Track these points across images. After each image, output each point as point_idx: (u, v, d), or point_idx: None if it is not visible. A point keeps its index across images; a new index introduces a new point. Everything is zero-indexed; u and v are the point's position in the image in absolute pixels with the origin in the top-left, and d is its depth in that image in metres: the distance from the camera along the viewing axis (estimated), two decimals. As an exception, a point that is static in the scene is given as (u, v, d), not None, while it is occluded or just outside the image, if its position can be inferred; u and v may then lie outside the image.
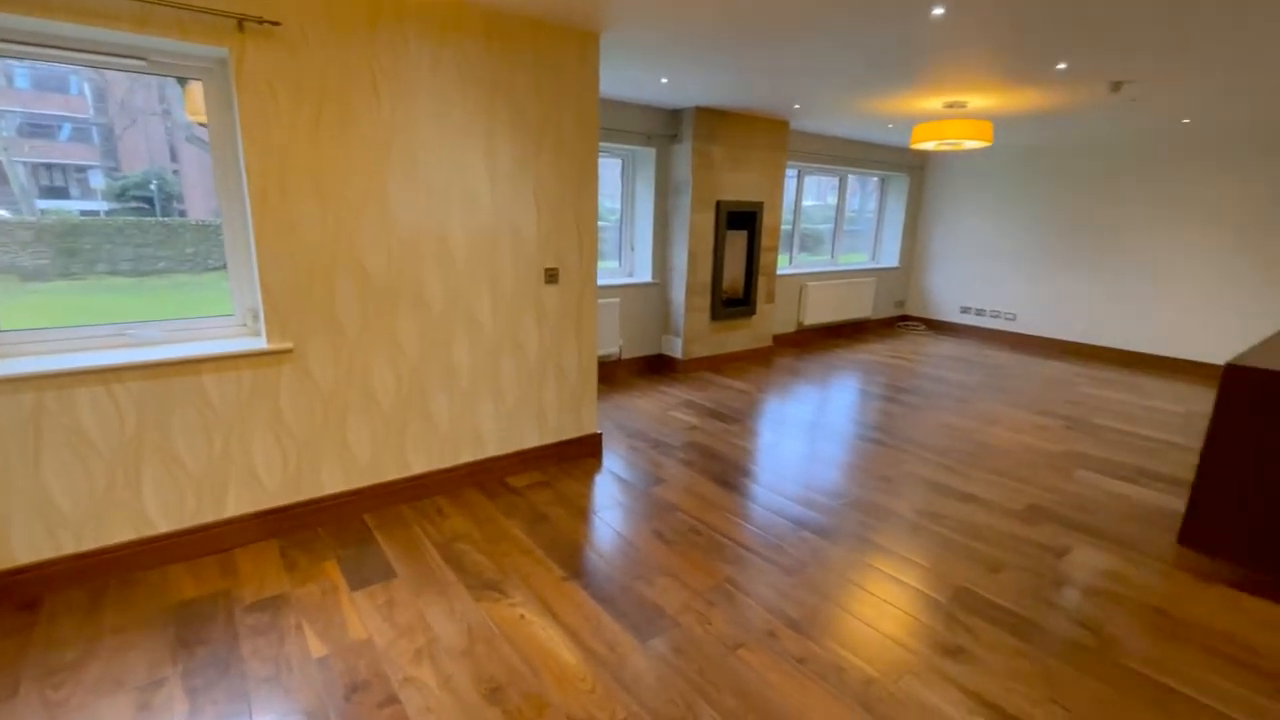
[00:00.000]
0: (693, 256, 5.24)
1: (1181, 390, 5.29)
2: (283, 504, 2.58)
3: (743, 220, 5.58)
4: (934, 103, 4.49)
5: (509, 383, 3.12)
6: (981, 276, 7.38)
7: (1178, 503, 3.13)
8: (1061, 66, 3.39)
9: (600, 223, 5.35)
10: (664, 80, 4.05)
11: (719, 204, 5.28)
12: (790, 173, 6.57)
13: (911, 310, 8.14)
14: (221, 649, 1.93)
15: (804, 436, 3.94)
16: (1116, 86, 3.76)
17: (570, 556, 2.50)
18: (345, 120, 2.42)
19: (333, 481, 2.70)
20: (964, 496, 3.14)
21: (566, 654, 1.94)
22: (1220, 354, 5.75)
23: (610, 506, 2.94)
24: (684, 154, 5.05)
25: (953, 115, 4.80)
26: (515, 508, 2.89)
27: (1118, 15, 2.60)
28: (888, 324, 8.01)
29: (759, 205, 5.58)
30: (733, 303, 5.71)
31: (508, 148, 2.86)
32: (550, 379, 3.26)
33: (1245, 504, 2.56)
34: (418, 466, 2.92)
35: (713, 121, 5.06)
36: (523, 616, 2.12)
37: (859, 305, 7.32)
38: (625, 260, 5.48)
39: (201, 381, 2.33)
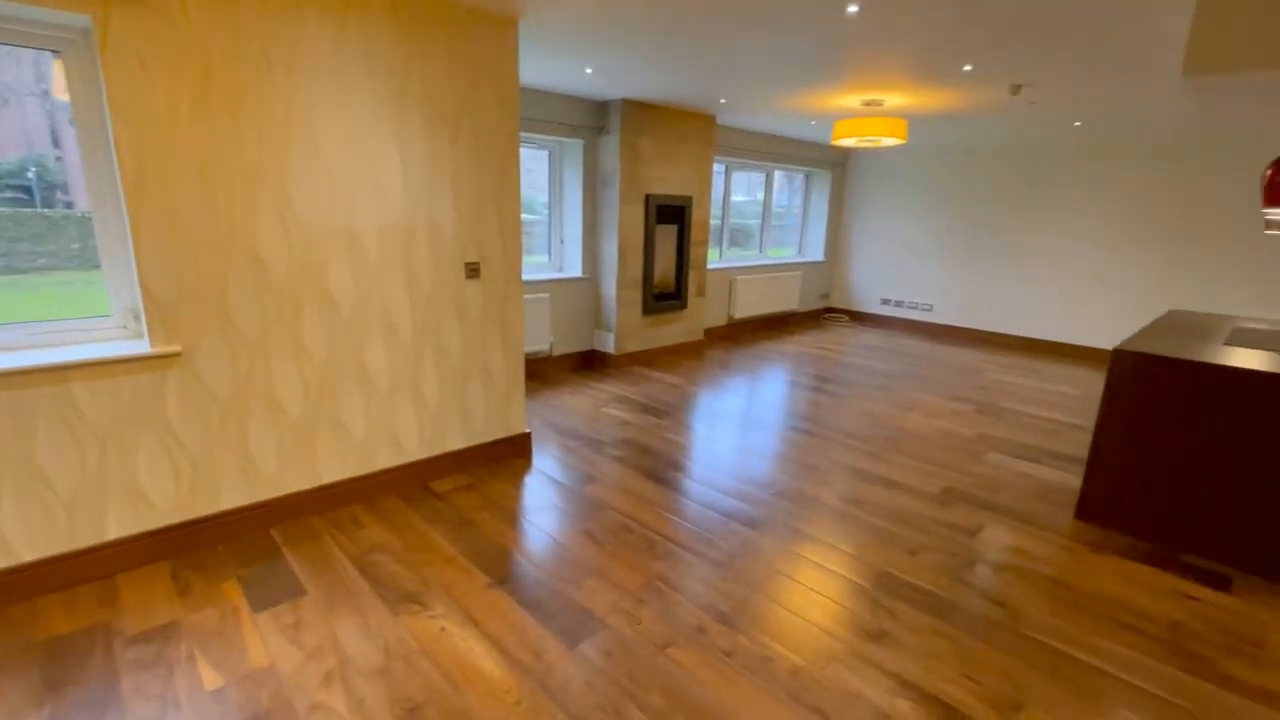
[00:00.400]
0: (623, 250, 5.19)
1: (1078, 374, 5.71)
2: (175, 522, 2.36)
3: (672, 214, 5.58)
4: (853, 100, 4.63)
5: (430, 383, 2.98)
6: (900, 269, 7.71)
7: (1076, 480, 3.36)
8: (968, 68, 3.55)
9: (529, 216, 5.23)
10: (589, 70, 3.97)
11: (648, 197, 5.25)
12: (719, 168, 6.63)
13: (836, 302, 8.42)
14: (97, 688, 1.73)
15: (735, 428, 3.98)
16: (1016, 89, 3.98)
17: (496, 562, 2.41)
18: (235, 102, 2.22)
19: (234, 495, 2.49)
20: (886, 482, 3.25)
21: (490, 666, 1.86)
22: (1110, 339, 6.24)
23: (540, 508, 2.86)
24: (612, 146, 4.99)
25: (870, 113, 4.96)
26: (439, 514, 2.76)
27: (1016, 21, 2.74)
28: (814, 316, 8.26)
29: (688, 199, 5.59)
30: (664, 297, 5.71)
31: (422, 136, 2.71)
32: (475, 378, 3.14)
33: (1132, 479, 2.77)
34: (330, 475, 2.74)
35: (640, 114, 5.02)
36: (444, 629, 2.01)
37: (787, 298, 7.50)
38: (555, 255, 5.37)
39: (70, 390, 2.08)
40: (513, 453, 3.37)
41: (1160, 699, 1.82)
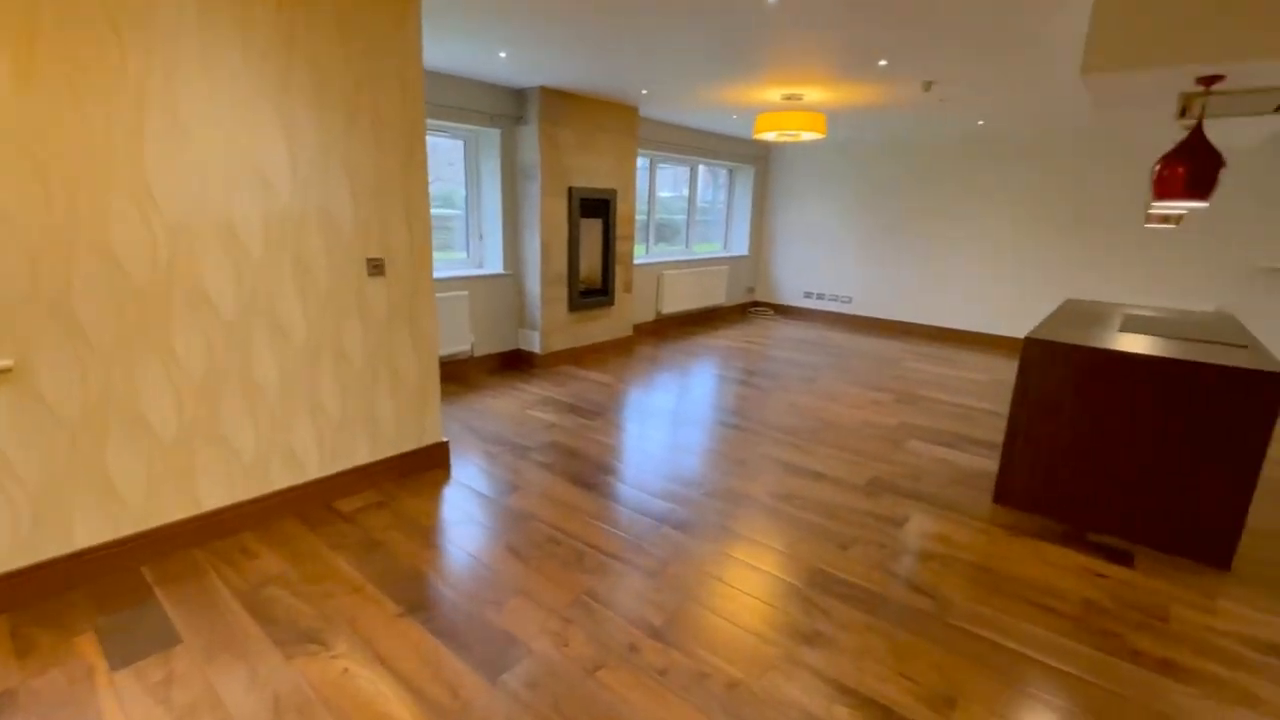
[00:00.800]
0: (546, 245, 5.00)
1: (986, 360, 6.01)
2: (12, 569, 2.00)
3: (596, 208, 5.43)
4: (774, 94, 4.63)
5: (331, 393, 2.70)
6: (821, 263, 7.90)
7: (991, 464, 3.49)
8: (883, 63, 3.60)
9: (448, 210, 4.93)
10: (503, 55, 3.75)
11: (571, 190, 5.08)
12: (643, 161, 6.53)
13: (761, 296, 8.54)
14: (-102, 786, 1.42)
15: (665, 426, 3.90)
16: (927, 86, 4.09)
17: (409, 588, 2.19)
18: (71, 73, 1.89)
19: (91, 532, 2.14)
20: (814, 475, 3.25)
21: (400, 710, 1.67)
22: (1013, 327, 6.63)
23: (459, 523, 2.65)
24: (531, 136, 4.78)
25: (791, 107, 4.99)
26: (344, 537, 2.51)
27: (926, 17, 2.77)
28: (740, 310, 8.34)
29: (612, 193, 5.46)
30: (591, 293, 5.56)
31: (311, 117, 2.43)
32: (383, 384, 2.88)
33: (1042, 462, 2.89)
34: (213, 501, 2.42)
35: (560, 103, 4.83)
36: (346, 670, 1.80)
37: (714, 293, 7.52)
38: (474, 250, 5.11)
39: None
40: (429, 463, 3.14)
41: (1080, 680, 1.86)
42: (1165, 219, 4.31)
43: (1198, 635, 2.09)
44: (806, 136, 4.81)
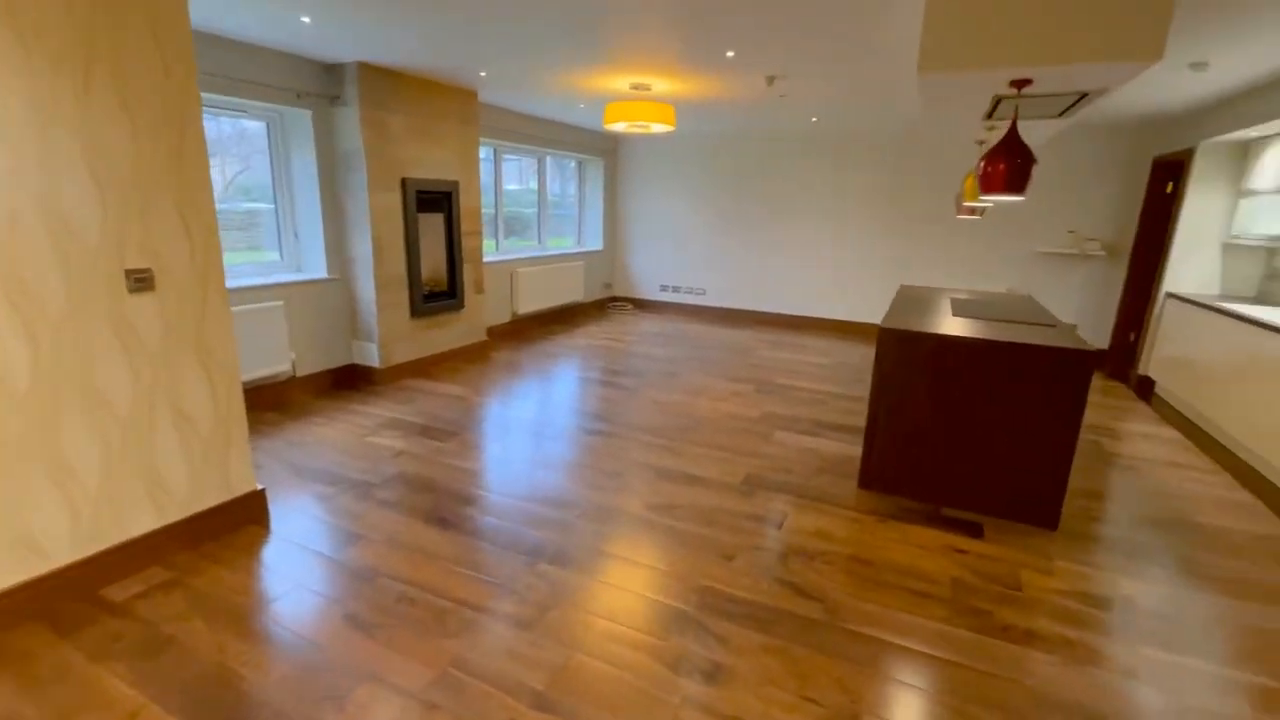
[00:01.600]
0: (379, 244, 4.40)
1: (828, 344, 6.41)
2: None
3: (437, 202, 4.90)
4: (621, 83, 4.45)
5: (83, 451, 2.05)
6: (675, 256, 7.96)
7: (849, 448, 3.62)
8: (730, 54, 3.55)
9: (259, 204, 4.13)
10: (305, 20, 3.16)
11: (406, 182, 4.51)
12: (486, 152, 6.06)
13: (619, 291, 8.44)
14: None
15: (529, 441, 3.58)
16: (770, 81, 4.15)
17: (212, 701, 1.69)
18: None
19: None
20: (689, 479, 3.14)
21: None
22: (851, 312, 7.15)
23: (284, 595, 2.15)
24: (351, 120, 4.15)
25: (639, 97, 4.85)
26: (115, 639, 1.91)
27: (770, 9, 2.73)
28: (599, 306, 8.17)
29: (454, 185, 4.96)
30: (436, 296, 5.03)
31: (17, 80, 1.78)
32: (165, 429, 2.26)
33: (899, 444, 3.01)
34: (-110, 623, 1.71)
35: (384, 83, 4.25)
36: (114, 846, 1.30)
37: (571, 289, 7.26)
38: (289, 251, 4.36)
39: None
40: (239, 520, 2.54)
41: (963, 668, 1.89)
42: (972, 212, 4.80)
43: (1046, 600, 2.25)
44: (657, 128, 4.70)
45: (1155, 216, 5.55)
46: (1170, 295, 4.95)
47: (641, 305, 8.27)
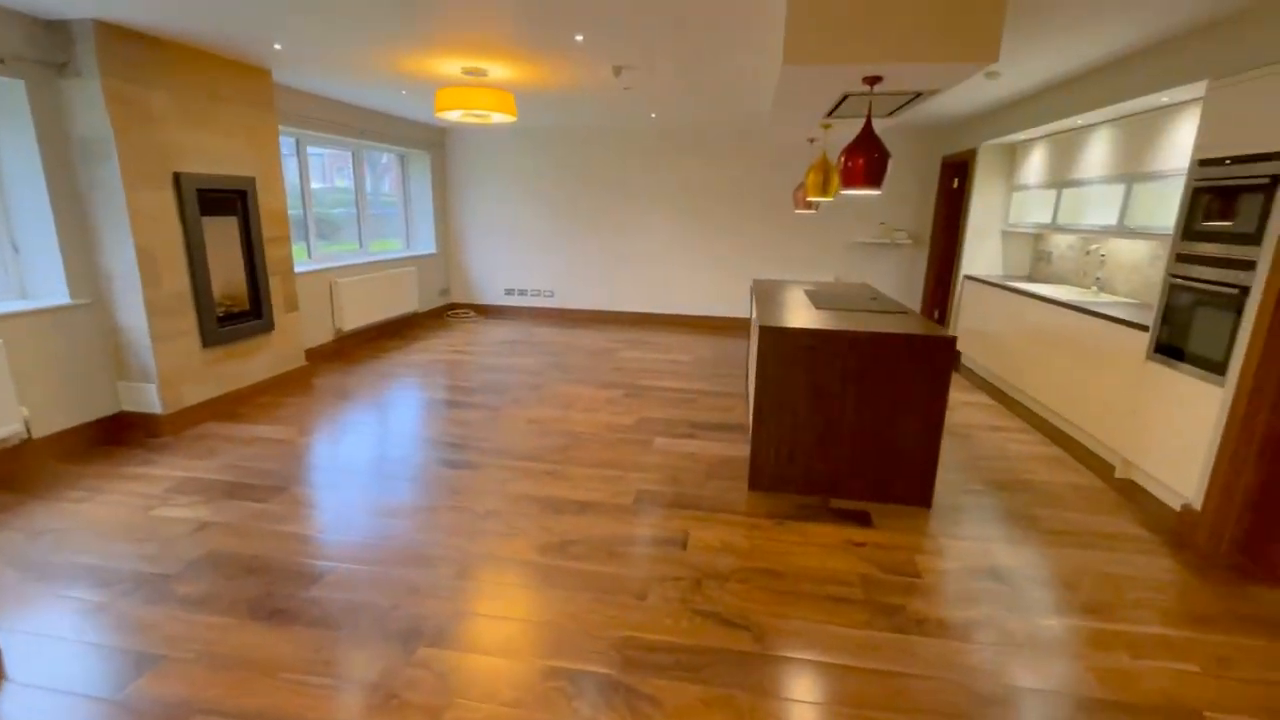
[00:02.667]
0: (147, 256, 3.45)
1: (683, 341, 6.44)
2: None
3: (226, 202, 4.00)
4: (451, 66, 3.96)
5: None
6: (519, 257, 7.51)
7: (728, 448, 3.57)
8: (579, 38, 3.27)
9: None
10: (0, -48, 2.28)
11: (181, 178, 3.59)
12: (289, 144, 5.13)
13: (458, 297, 7.78)
14: None
15: (377, 486, 3.01)
16: (618, 71, 3.95)
17: None
18: None
19: None
20: (579, 507, 2.84)
21: None
22: (702, 306, 7.27)
23: (29, 775, 1.47)
24: (90, 96, 3.18)
25: (474, 83, 4.37)
26: None
27: (636, -17, 2.50)
28: (438, 315, 7.45)
29: (249, 182, 4.08)
30: (236, 318, 4.12)
31: None
32: None
33: (784, 441, 2.98)
34: None
35: (139, 51, 3.32)
36: None
37: (404, 299, 6.50)
38: (7, 271, 3.24)
39: None
40: (-54, 670, 1.74)
41: (894, 675, 1.84)
42: (809, 206, 5.05)
43: (944, 584, 2.32)
44: (497, 119, 4.27)
45: (947, 208, 6.33)
46: (967, 277, 5.65)
47: (485, 311, 7.70)
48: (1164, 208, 3.53)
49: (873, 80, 2.74)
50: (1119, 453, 3.31)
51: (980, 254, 5.71)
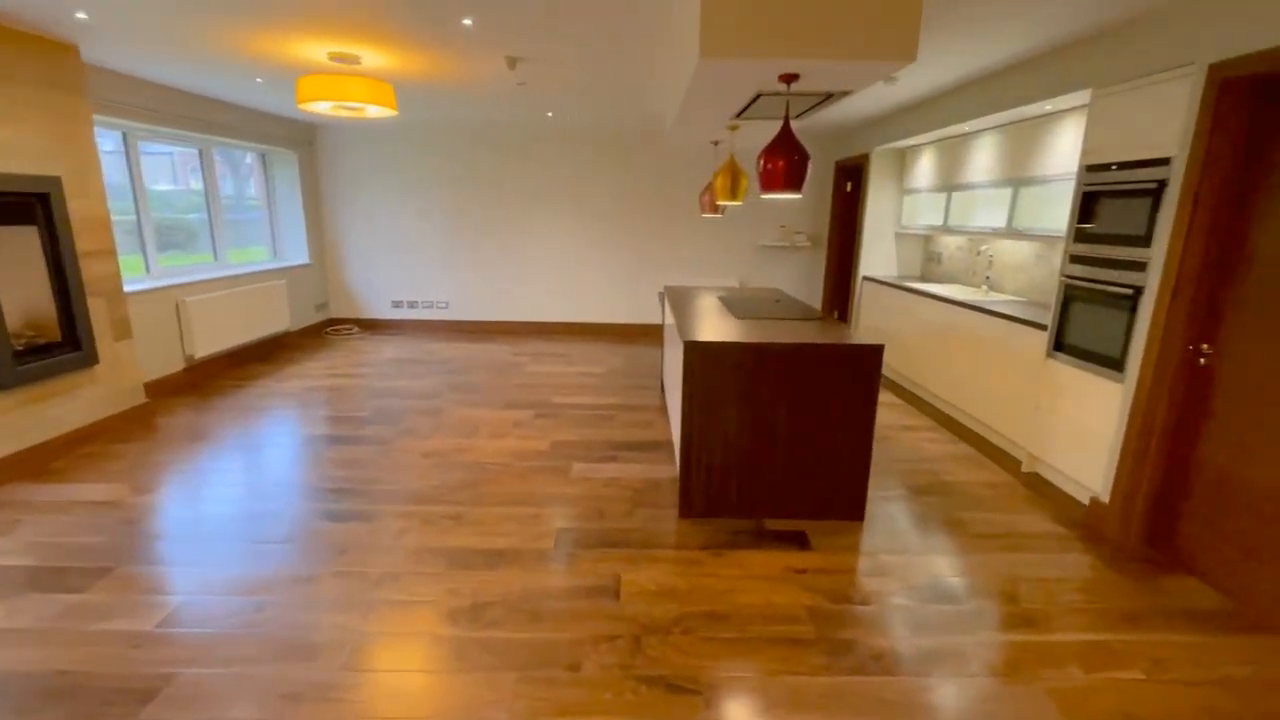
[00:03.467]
0: (-99, 282, 2.66)
1: (591, 351, 6.15)
2: None
3: (20, 209, 3.21)
4: (315, 51, 3.42)
5: None
6: (408, 266, 6.88)
7: (652, 469, 3.33)
8: (467, 22, 2.90)
9: None
10: None
11: (-54, 179, 2.81)
12: (113, 139, 4.28)
13: (339, 312, 7.01)
14: None
15: (238, 555, 2.47)
16: (513, 62, 3.59)
17: None
18: None
19: None
20: (491, 558, 2.47)
21: None
22: (609, 314, 7.00)
23: None
24: None
25: (344, 71, 3.84)
26: None
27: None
28: (315, 333, 6.66)
29: (52, 183, 3.31)
30: (42, 351, 3.33)
31: None
32: None
33: (716, 463, 2.78)
34: None
35: None
36: None
37: (273, 316, 5.71)
38: None
39: None
40: None
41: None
42: (716, 210, 4.93)
43: (892, 610, 2.20)
44: (374, 112, 3.77)
45: (842, 211, 6.50)
46: (865, 278, 5.80)
47: (371, 327, 6.99)
48: (1049, 210, 3.71)
49: (789, 78, 2.60)
50: (1024, 448, 3.42)
51: (876, 255, 5.88)
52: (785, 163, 2.63)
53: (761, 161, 2.69)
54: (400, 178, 6.62)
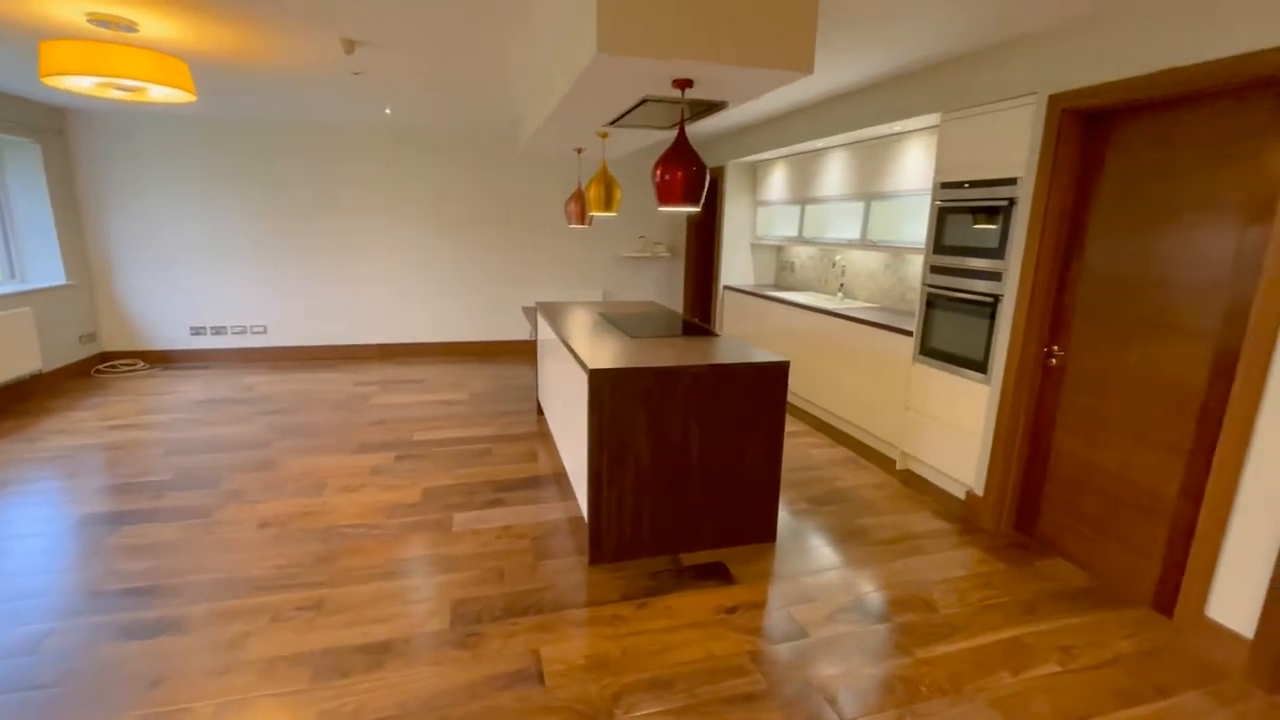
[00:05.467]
0: None
1: (447, 374, 5.57)
2: None
3: None
4: (68, 9, 2.59)
5: None
6: (212, 284, 5.71)
7: (546, 509, 2.99)
8: (297, -9, 2.35)
9: None
10: None
11: None
12: None
13: (115, 344, 5.61)
14: None
15: (-13, 712, 1.72)
16: (350, 46, 3.04)
17: None
18: None
19: None
20: (373, 654, 1.98)
21: None
22: (464, 331, 6.41)
23: None
24: None
25: (111, 39, 2.98)
26: None
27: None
28: (80, 372, 5.26)
29: None
30: None
31: None
32: None
33: (629, 501, 2.54)
34: None
35: None
36: None
37: (15, 355, 4.37)
38: None
39: None
40: None
41: (848, 794, 1.53)
42: (584, 220, 4.69)
43: (830, 639, 2.12)
44: (160, 94, 2.97)
45: (699, 222, 6.61)
46: (726, 287, 5.94)
47: (164, 360, 5.70)
48: (900, 223, 4.00)
49: (684, 84, 2.44)
50: (898, 447, 3.62)
51: (735, 265, 6.04)
52: (684, 174, 2.46)
53: (658, 173, 2.50)
54: (201, 176, 5.46)
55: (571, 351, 2.73)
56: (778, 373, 2.60)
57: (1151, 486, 2.33)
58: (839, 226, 4.66)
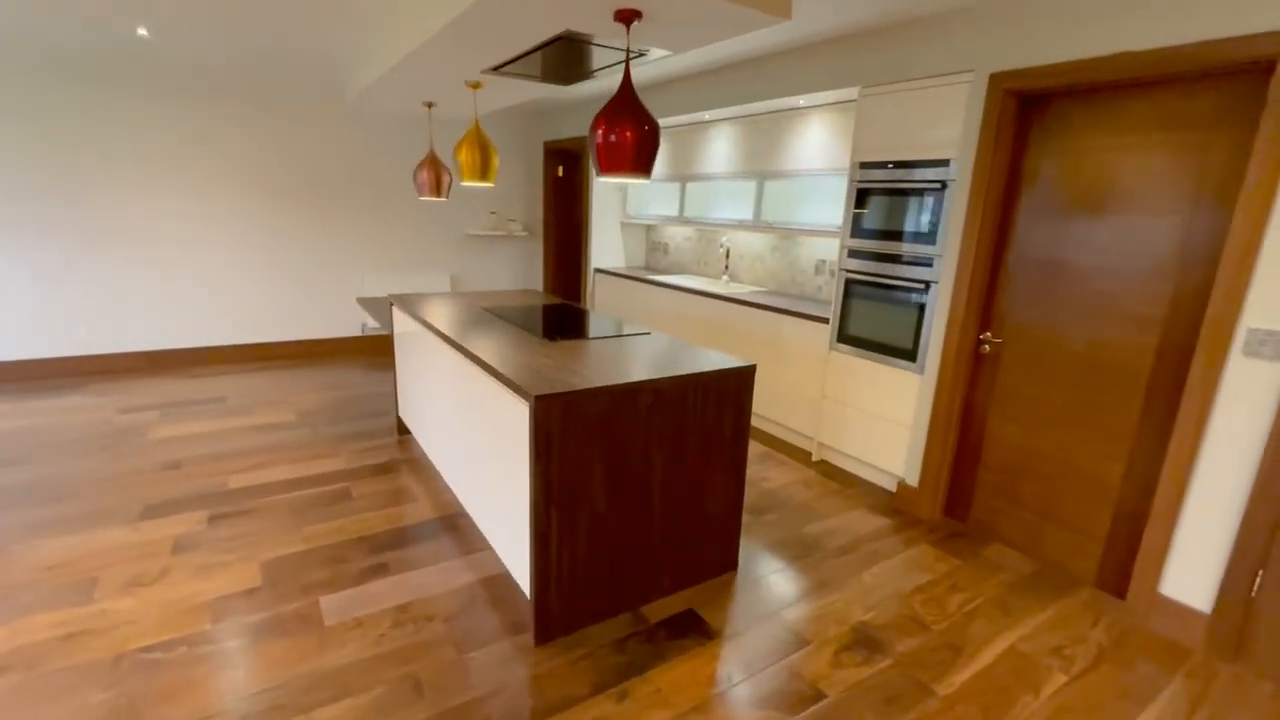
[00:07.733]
0: None
1: (260, 386, 4.37)
2: None
3: None
4: None
5: None
6: None
7: (451, 571, 2.31)
8: None
9: None
10: None
11: None
12: None
13: None
14: None
15: None
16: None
17: None
18: None
19: None
20: None
21: None
22: (263, 331, 5.11)
23: None
24: None
25: None
26: None
27: None
28: None
29: None
30: None
31: None
32: None
33: (582, 553, 2.00)
34: None
35: None
36: None
37: None
38: None
39: None
40: None
41: None
42: (439, 191, 3.88)
43: (845, 694, 1.82)
44: None
45: (558, 197, 6.00)
46: (598, 270, 5.45)
47: None
48: (799, 204, 3.84)
49: (629, 16, 1.90)
50: (813, 438, 3.49)
51: (605, 246, 5.56)
52: (635, 134, 1.94)
53: (600, 133, 1.94)
54: None
55: (488, 368, 2.06)
56: (744, 378, 2.21)
57: (1093, 470, 2.38)
58: (727, 206, 4.41)
